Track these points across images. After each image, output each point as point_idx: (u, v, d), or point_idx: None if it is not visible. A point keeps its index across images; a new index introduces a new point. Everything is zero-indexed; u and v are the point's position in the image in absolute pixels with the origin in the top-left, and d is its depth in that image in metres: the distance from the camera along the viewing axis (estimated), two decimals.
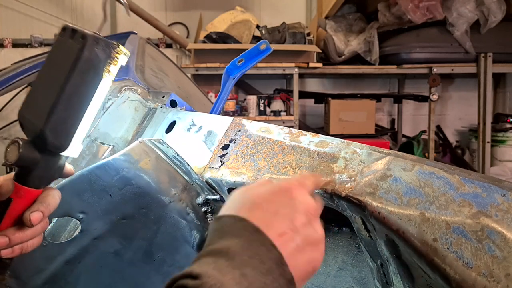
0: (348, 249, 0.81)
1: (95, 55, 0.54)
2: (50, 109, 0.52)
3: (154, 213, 0.80)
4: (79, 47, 0.53)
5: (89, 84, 0.55)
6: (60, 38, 0.55)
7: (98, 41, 0.54)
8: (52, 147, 0.54)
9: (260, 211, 0.47)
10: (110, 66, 0.56)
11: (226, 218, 0.46)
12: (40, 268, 0.85)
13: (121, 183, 0.77)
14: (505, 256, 0.46)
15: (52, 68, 0.56)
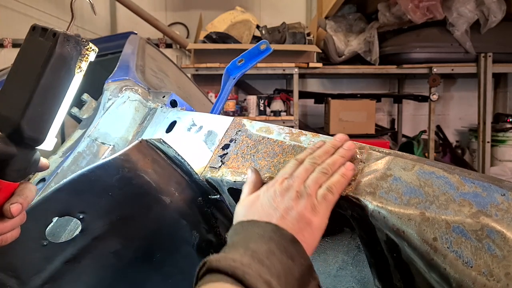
0: (348, 249, 0.81)
1: (66, 52, 0.56)
2: (26, 103, 0.54)
3: (154, 213, 0.80)
4: (51, 45, 0.55)
5: (62, 80, 0.57)
6: (30, 37, 0.58)
7: (69, 38, 0.57)
8: (29, 140, 0.56)
9: (251, 208, 0.60)
10: (81, 63, 0.59)
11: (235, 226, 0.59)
12: (40, 268, 0.85)
13: (121, 183, 0.77)
14: (505, 255, 0.46)
15: (24, 65, 0.57)
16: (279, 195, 0.59)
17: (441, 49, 3.51)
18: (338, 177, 0.60)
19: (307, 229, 0.56)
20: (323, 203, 0.58)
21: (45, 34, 0.56)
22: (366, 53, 3.65)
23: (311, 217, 0.57)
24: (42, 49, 0.55)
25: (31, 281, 0.85)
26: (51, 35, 0.56)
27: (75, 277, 0.86)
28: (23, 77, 0.56)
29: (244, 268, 0.47)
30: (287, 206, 0.57)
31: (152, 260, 0.86)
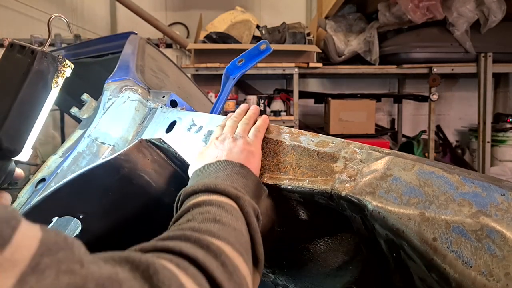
0: (348, 249, 0.81)
1: (44, 68, 0.59)
2: (4, 117, 0.56)
3: (154, 213, 0.80)
4: (29, 61, 0.58)
5: (39, 94, 0.60)
6: (8, 54, 0.60)
7: (46, 55, 0.59)
8: (6, 151, 0.58)
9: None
10: (58, 78, 0.62)
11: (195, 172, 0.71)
12: None
13: (121, 183, 0.77)
14: (504, 255, 0.46)
15: (2, 79, 0.59)
16: (219, 143, 0.72)
17: (441, 49, 3.51)
18: (260, 122, 0.77)
19: (249, 157, 0.69)
20: (254, 139, 0.73)
21: (23, 51, 0.58)
22: (366, 53, 3.65)
23: (249, 148, 0.70)
24: (20, 66, 0.58)
25: None
26: (30, 52, 0.58)
27: None
28: (1, 91, 0.58)
29: (217, 182, 0.59)
30: (229, 147, 0.70)
31: None
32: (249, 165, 0.67)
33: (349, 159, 0.66)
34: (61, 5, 4.38)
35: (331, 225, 0.84)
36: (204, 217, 0.52)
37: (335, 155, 0.68)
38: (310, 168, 0.68)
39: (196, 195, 0.58)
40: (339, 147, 0.68)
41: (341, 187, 0.62)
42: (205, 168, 0.68)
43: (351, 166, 0.64)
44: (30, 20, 4.34)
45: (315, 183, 0.65)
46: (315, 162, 0.69)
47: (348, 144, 0.69)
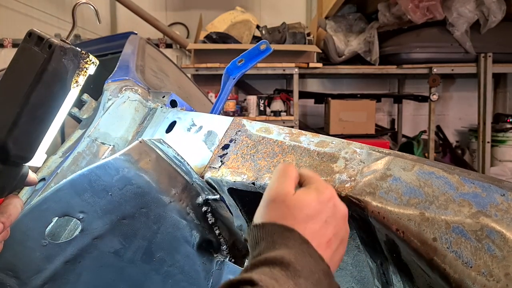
0: (348, 249, 0.81)
1: (62, 66, 0.52)
2: (13, 121, 0.50)
3: (154, 213, 0.80)
4: (45, 58, 0.51)
5: (55, 96, 0.53)
6: (24, 45, 0.53)
7: (65, 51, 0.52)
8: (16, 158, 0.53)
9: (310, 222, 0.50)
10: (78, 77, 0.54)
11: (274, 227, 0.49)
12: (40, 268, 0.85)
13: (121, 183, 0.77)
14: (504, 256, 0.46)
15: (15, 76, 0.53)
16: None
17: (441, 49, 3.51)
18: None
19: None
20: None
21: (41, 44, 0.51)
22: (366, 53, 3.65)
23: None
24: (35, 61, 0.51)
25: (31, 281, 0.85)
26: (47, 47, 0.51)
27: (75, 277, 0.86)
28: (13, 90, 0.52)
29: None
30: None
31: (152, 260, 0.86)
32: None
33: (349, 159, 0.66)
34: (61, 5, 4.37)
35: None
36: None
37: (335, 155, 0.68)
38: (310, 168, 0.68)
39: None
40: (339, 147, 0.68)
41: (341, 187, 0.62)
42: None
43: (351, 166, 0.64)
44: (30, 20, 4.34)
45: None
46: (315, 162, 0.69)
47: (348, 144, 0.69)
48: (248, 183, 0.72)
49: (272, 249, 0.46)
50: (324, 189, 0.53)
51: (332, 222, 0.52)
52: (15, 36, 4.31)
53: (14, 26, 4.33)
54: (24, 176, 0.56)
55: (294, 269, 0.44)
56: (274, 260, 0.44)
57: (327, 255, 0.49)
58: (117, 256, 0.85)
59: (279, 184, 0.53)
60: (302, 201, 0.51)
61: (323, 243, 0.50)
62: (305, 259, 0.46)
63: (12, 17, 4.33)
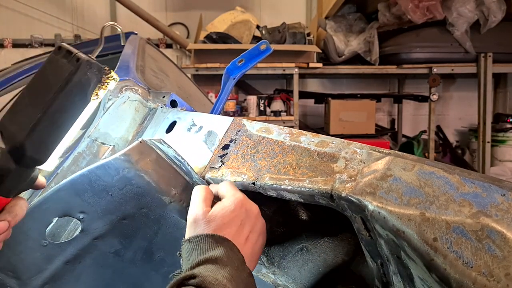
0: (348, 249, 0.81)
1: (86, 79, 0.55)
2: (34, 125, 0.53)
3: (155, 213, 0.80)
4: (72, 70, 0.54)
5: (76, 106, 0.56)
6: (54, 56, 0.56)
7: (91, 65, 0.55)
8: (30, 160, 0.55)
9: (227, 229, 0.63)
10: (99, 90, 0.58)
11: (200, 238, 0.61)
12: (40, 268, 0.85)
13: (122, 183, 0.77)
14: (505, 256, 0.46)
15: (41, 84, 0.56)
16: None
17: (441, 49, 3.51)
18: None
19: None
20: None
21: (69, 57, 0.55)
22: (366, 53, 3.65)
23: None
24: (62, 72, 0.54)
25: (32, 281, 0.85)
26: (75, 60, 0.54)
27: (75, 277, 0.86)
28: (37, 96, 0.55)
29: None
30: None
31: (152, 260, 0.86)
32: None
33: (350, 159, 0.66)
34: (61, 5, 4.37)
35: (331, 225, 0.84)
36: None
37: (335, 155, 0.67)
38: (310, 168, 0.68)
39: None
40: (339, 147, 0.68)
41: (341, 187, 0.62)
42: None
43: (351, 166, 0.64)
44: (30, 20, 4.34)
45: (315, 183, 0.65)
46: (315, 162, 0.69)
47: (348, 144, 0.68)
48: (248, 183, 0.72)
49: (203, 253, 0.59)
50: (234, 199, 0.67)
51: (247, 222, 0.66)
52: (15, 36, 4.31)
53: (14, 26, 4.34)
54: (33, 179, 0.59)
55: (221, 261, 0.57)
56: (206, 260, 0.57)
57: (248, 248, 0.64)
58: (117, 256, 0.85)
59: (194, 207, 0.67)
60: (216, 215, 0.65)
61: (242, 240, 0.64)
62: (228, 254, 0.59)
63: (12, 17, 4.34)
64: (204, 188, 0.71)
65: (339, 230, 0.83)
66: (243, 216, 0.66)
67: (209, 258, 0.57)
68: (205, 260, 0.57)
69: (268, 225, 0.72)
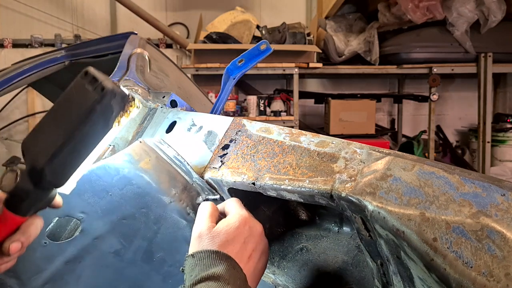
0: (348, 249, 0.81)
1: (109, 108, 0.56)
2: (55, 151, 0.54)
3: (155, 213, 0.80)
4: (96, 99, 0.54)
5: (98, 134, 0.58)
6: (80, 81, 0.56)
7: (115, 95, 0.55)
8: (48, 184, 0.56)
9: (230, 246, 0.63)
10: (121, 118, 0.59)
11: (204, 253, 0.62)
12: (40, 268, 0.85)
13: (122, 183, 0.77)
14: (505, 256, 0.46)
15: (66, 108, 0.56)
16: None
17: (441, 49, 3.51)
18: None
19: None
20: None
21: (95, 84, 0.55)
22: (366, 53, 3.65)
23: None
24: (86, 100, 0.54)
25: (32, 281, 0.85)
26: (100, 89, 0.54)
27: (75, 277, 0.86)
28: (61, 120, 0.56)
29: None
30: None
31: (152, 260, 0.86)
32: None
33: (349, 159, 0.66)
34: (61, 5, 4.38)
35: (331, 225, 0.84)
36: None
37: (335, 155, 0.68)
38: (310, 168, 0.68)
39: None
40: (339, 147, 0.68)
41: (341, 187, 0.62)
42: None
43: (351, 166, 0.64)
44: (30, 20, 4.34)
45: (315, 183, 0.65)
46: (315, 163, 0.69)
47: (348, 144, 0.69)
48: (248, 183, 0.72)
49: (205, 270, 0.59)
50: (238, 217, 0.67)
51: (251, 240, 0.66)
52: (15, 36, 4.31)
53: (14, 26, 4.34)
54: (51, 199, 0.60)
55: (223, 279, 0.57)
56: (208, 277, 0.58)
57: (250, 267, 0.64)
58: (117, 256, 0.85)
59: (200, 222, 0.67)
60: (220, 231, 0.65)
61: (245, 259, 0.64)
62: (230, 271, 0.59)
63: (12, 17, 4.34)
64: (210, 204, 0.71)
65: (338, 229, 0.83)
66: (246, 234, 0.66)
67: (211, 275, 0.58)
68: (207, 277, 0.57)
69: (268, 225, 0.72)
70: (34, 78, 1.90)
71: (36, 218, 0.60)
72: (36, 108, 4.32)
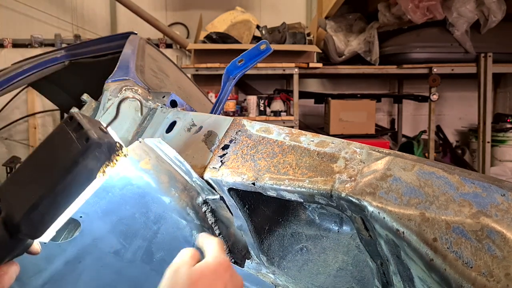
0: (348, 249, 0.81)
1: (94, 162, 0.52)
2: (33, 204, 0.50)
3: (154, 213, 0.80)
4: (80, 150, 0.50)
5: (80, 186, 0.53)
6: (63, 126, 0.52)
7: (100, 146, 0.51)
8: (24, 236, 0.52)
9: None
10: (106, 168, 0.54)
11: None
12: (40, 268, 0.85)
13: (121, 183, 0.77)
14: (505, 256, 0.46)
15: (47, 157, 0.52)
16: None
17: (441, 49, 3.51)
18: None
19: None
20: None
21: (79, 132, 0.50)
22: (366, 53, 3.65)
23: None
24: (70, 150, 0.50)
25: (31, 281, 0.85)
26: (84, 139, 0.50)
27: (75, 277, 0.86)
28: (41, 171, 0.51)
29: None
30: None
31: (152, 260, 0.86)
32: None
33: (349, 159, 0.66)
34: (61, 5, 4.38)
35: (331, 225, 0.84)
36: None
37: (335, 155, 0.67)
38: (310, 168, 0.68)
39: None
40: (339, 147, 0.68)
41: (341, 187, 0.62)
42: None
43: (351, 166, 0.64)
44: (30, 20, 4.34)
45: (315, 183, 0.65)
46: (315, 162, 0.69)
47: (348, 144, 0.69)
48: (248, 183, 0.72)
49: None
50: (219, 260, 0.62)
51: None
52: (15, 36, 4.31)
53: (14, 26, 4.34)
54: (28, 245, 0.56)
55: None
56: None
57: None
58: (117, 256, 0.85)
59: (180, 258, 0.64)
60: (196, 275, 0.61)
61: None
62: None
63: (12, 17, 4.34)
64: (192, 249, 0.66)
65: (338, 229, 0.83)
66: (227, 279, 0.61)
67: None
68: None
69: (268, 225, 0.72)
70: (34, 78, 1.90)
71: (11, 266, 0.56)
72: (36, 108, 4.32)
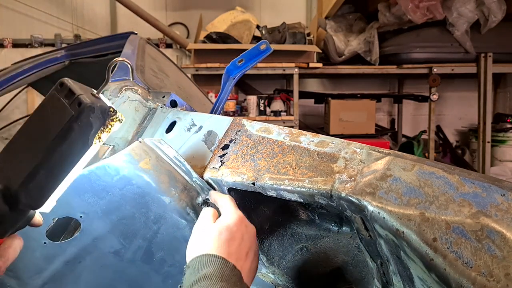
0: (348, 249, 0.81)
1: (87, 126, 0.51)
2: (29, 173, 0.50)
3: (154, 213, 0.80)
4: (72, 116, 0.49)
5: (76, 152, 0.52)
6: (54, 94, 0.51)
7: (94, 110, 0.51)
8: (24, 207, 0.52)
9: (230, 242, 0.66)
10: (102, 133, 0.53)
11: (194, 260, 0.65)
12: (40, 268, 0.85)
13: (121, 183, 0.77)
14: (504, 256, 0.46)
15: (40, 124, 0.51)
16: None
17: (441, 49, 3.51)
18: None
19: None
20: None
21: (71, 98, 0.50)
22: (366, 53, 3.65)
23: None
24: (62, 116, 0.49)
25: (31, 281, 0.85)
26: (76, 104, 0.49)
27: (75, 277, 0.86)
28: (34, 139, 0.50)
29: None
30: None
31: (152, 260, 0.86)
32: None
33: (349, 159, 0.66)
34: (61, 5, 4.38)
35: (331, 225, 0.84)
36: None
37: (335, 155, 0.68)
38: (310, 168, 0.68)
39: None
40: (339, 147, 0.68)
41: (341, 187, 0.62)
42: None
43: (351, 166, 0.64)
44: (30, 20, 4.34)
45: (315, 183, 0.65)
46: (315, 162, 0.69)
47: (348, 144, 0.69)
48: (248, 183, 0.72)
49: (196, 274, 0.61)
50: (236, 216, 0.70)
51: (248, 239, 0.68)
52: (15, 36, 4.31)
53: (14, 26, 4.34)
54: (29, 217, 0.55)
55: (216, 277, 0.60)
56: (199, 279, 0.60)
57: (247, 265, 0.66)
58: (117, 256, 0.85)
59: (202, 221, 0.72)
60: (220, 229, 0.67)
61: (243, 256, 0.66)
62: (223, 269, 0.61)
63: (12, 17, 4.34)
64: (212, 209, 0.74)
65: (338, 229, 0.83)
66: (244, 231, 0.69)
67: (203, 276, 0.60)
68: (198, 279, 0.60)
69: (268, 225, 0.72)
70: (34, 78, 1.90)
71: (14, 239, 0.56)
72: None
